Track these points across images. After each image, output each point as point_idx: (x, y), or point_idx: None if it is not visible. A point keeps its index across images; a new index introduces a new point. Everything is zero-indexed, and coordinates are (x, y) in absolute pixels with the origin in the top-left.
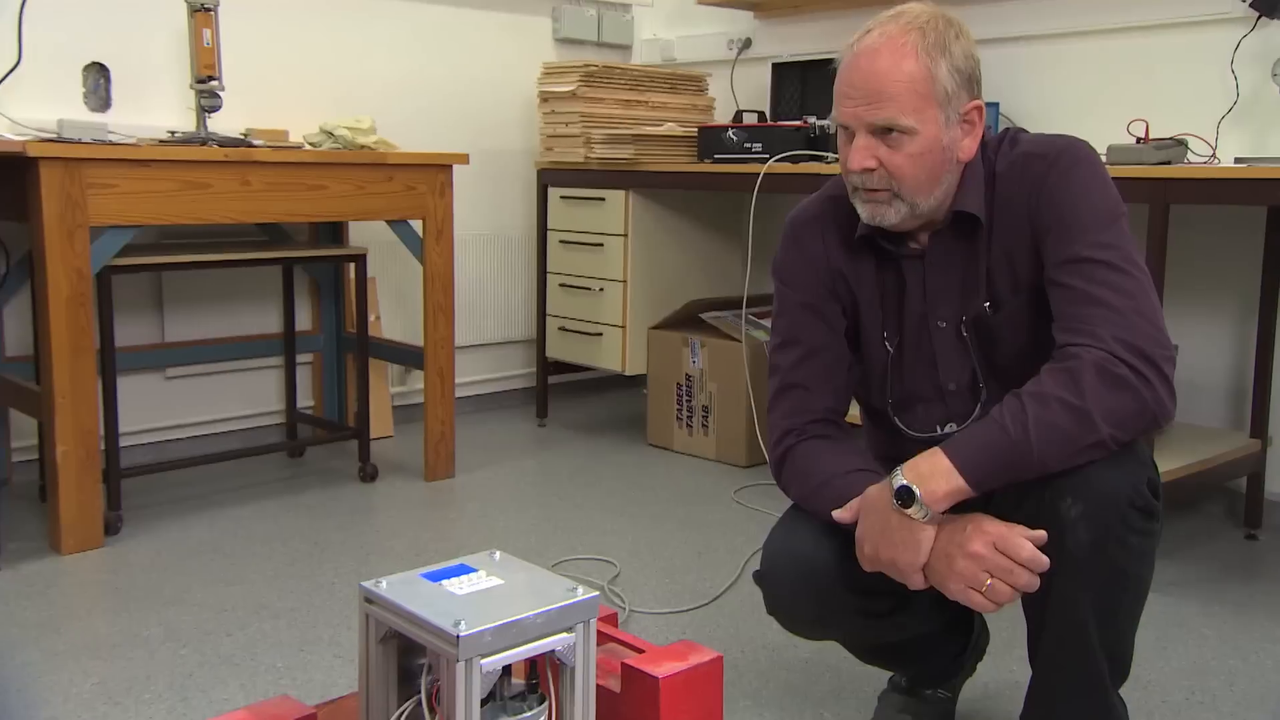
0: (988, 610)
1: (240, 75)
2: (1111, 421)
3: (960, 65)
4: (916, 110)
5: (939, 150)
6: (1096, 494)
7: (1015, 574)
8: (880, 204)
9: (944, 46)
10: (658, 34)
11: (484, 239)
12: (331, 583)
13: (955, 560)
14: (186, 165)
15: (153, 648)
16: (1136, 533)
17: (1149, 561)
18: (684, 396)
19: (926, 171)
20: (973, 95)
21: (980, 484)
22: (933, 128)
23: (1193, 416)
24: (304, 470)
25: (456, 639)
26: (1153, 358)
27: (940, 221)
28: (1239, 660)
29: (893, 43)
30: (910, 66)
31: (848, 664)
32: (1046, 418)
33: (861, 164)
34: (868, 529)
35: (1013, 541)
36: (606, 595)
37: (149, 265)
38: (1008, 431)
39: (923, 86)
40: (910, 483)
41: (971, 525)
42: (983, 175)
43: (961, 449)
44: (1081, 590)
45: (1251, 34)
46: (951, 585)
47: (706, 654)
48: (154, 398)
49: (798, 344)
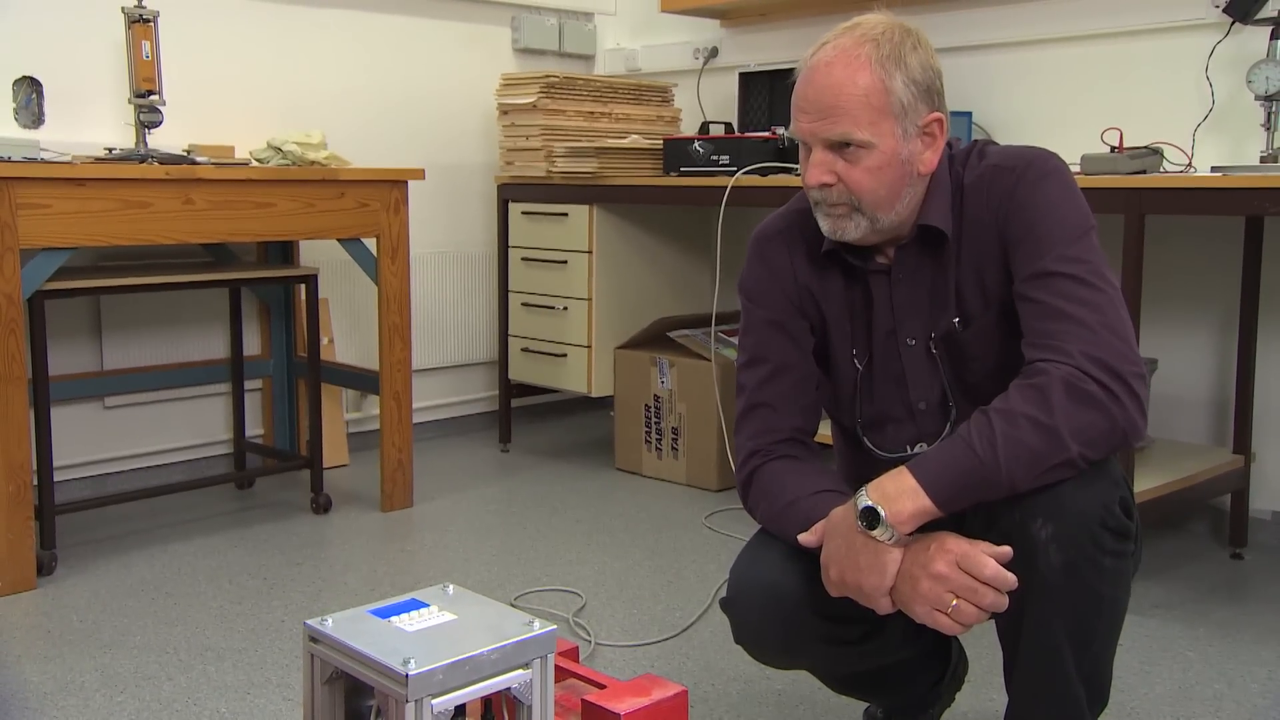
0: (955, 633)
1: (182, 89)
2: (1081, 440)
3: (917, 77)
4: (872, 124)
5: (898, 164)
6: (1068, 514)
7: (980, 593)
8: (841, 219)
9: (899, 58)
10: (621, 43)
11: (442, 257)
12: (281, 621)
13: (919, 582)
14: (125, 184)
15: (87, 695)
16: (1109, 554)
17: (1124, 583)
18: (652, 418)
19: (886, 186)
20: (932, 107)
21: (947, 504)
22: (890, 141)
23: (1174, 432)
24: (253, 502)
25: (405, 678)
26: (1122, 374)
27: (906, 236)
28: (1224, 685)
29: (846, 55)
30: (864, 79)
31: (822, 695)
32: (1014, 435)
33: (819, 179)
34: (833, 552)
35: (975, 559)
36: (571, 628)
37: (85, 289)
38: (975, 450)
39: (877, 99)
40: (875, 503)
41: (935, 544)
42: (949, 188)
43: (927, 468)
44: (1055, 614)
45: (1225, 40)
46: (917, 608)
47: (671, 688)
48: (92, 429)
49: (764, 362)
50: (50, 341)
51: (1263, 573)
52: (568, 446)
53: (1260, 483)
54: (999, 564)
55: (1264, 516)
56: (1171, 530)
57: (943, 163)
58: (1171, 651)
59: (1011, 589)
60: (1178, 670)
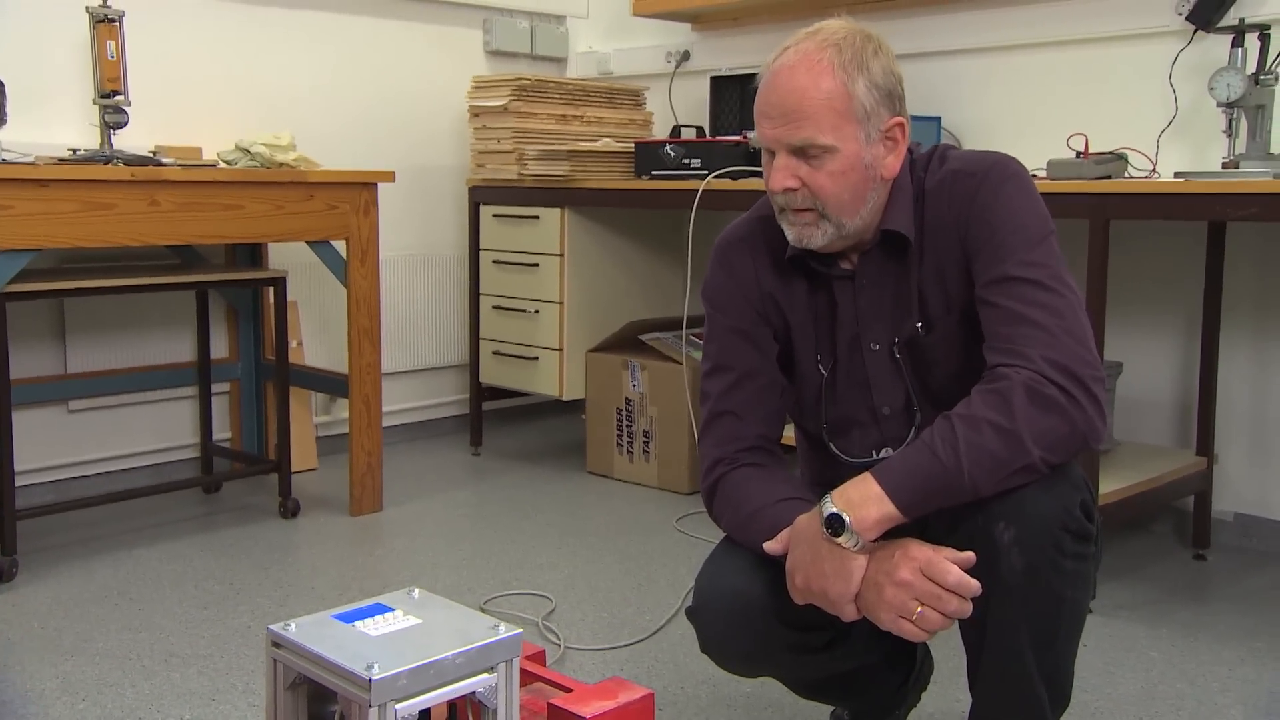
0: (920, 640)
1: (149, 90)
2: (1042, 444)
3: (879, 82)
4: (835, 128)
5: (861, 168)
6: (1029, 518)
7: (944, 600)
8: (806, 225)
9: (861, 63)
10: (593, 46)
11: (413, 260)
12: (247, 626)
13: (884, 589)
14: (89, 185)
15: (47, 703)
16: (1070, 556)
17: (1085, 585)
18: (624, 422)
19: (850, 190)
20: (894, 112)
21: (910, 509)
22: (853, 145)
23: (1138, 434)
24: (220, 507)
25: (369, 683)
26: (1081, 378)
27: (869, 241)
28: (1186, 684)
29: (808, 60)
30: (827, 84)
31: (790, 699)
32: (977, 441)
33: (783, 184)
34: (798, 559)
35: (939, 566)
36: (541, 632)
37: (49, 291)
38: (938, 456)
39: (840, 104)
40: (840, 510)
41: (899, 552)
42: (911, 193)
43: (891, 474)
44: (1017, 616)
45: (1189, 47)
46: (882, 615)
47: (637, 691)
48: (55, 432)
49: (729, 370)
50: (12, 344)
51: (1225, 573)
52: (539, 450)
53: (1223, 484)
54: (962, 570)
55: (1226, 518)
56: (1135, 531)
57: (904, 168)
58: (1135, 651)
59: (975, 595)
60: (1141, 670)
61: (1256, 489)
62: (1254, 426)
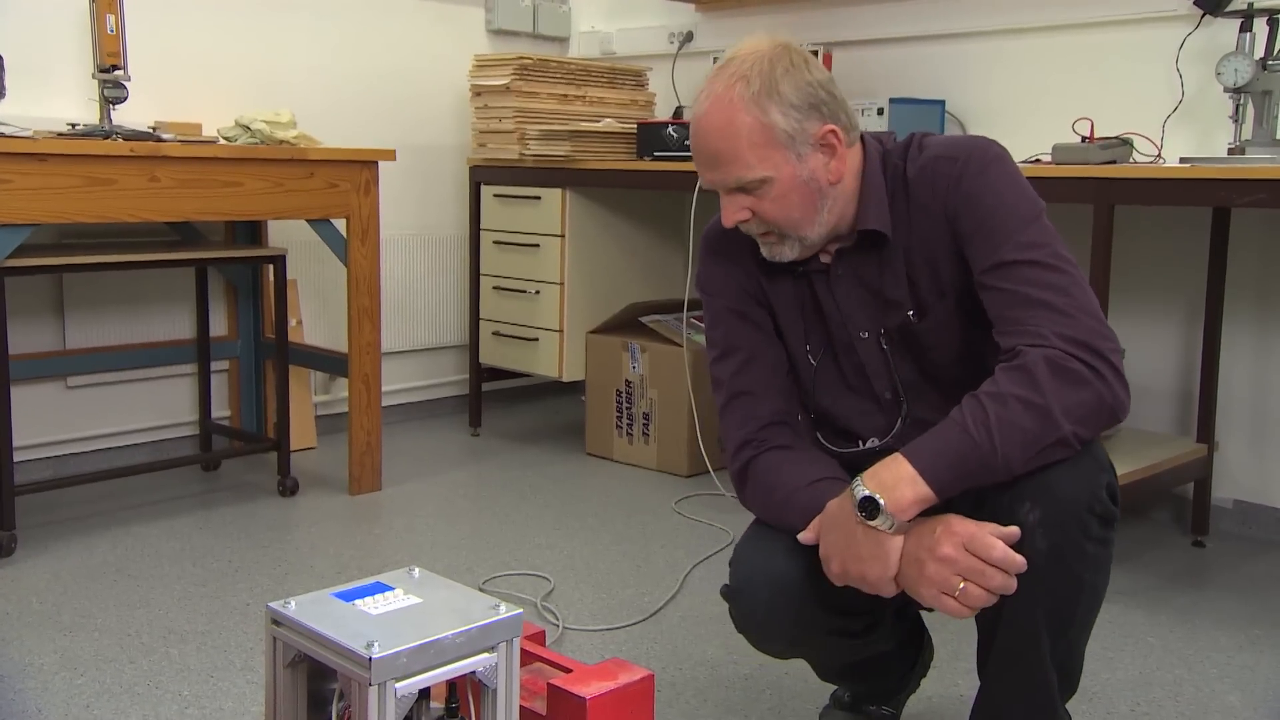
0: (963, 616)
1: (149, 64)
2: (1072, 418)
3: (795, 101)
4: (762, 160)
5: (801, 186)
6: (1055, 499)
7: (988, 575)
8: (774, 245)
9: (771, 89)
10: (596, 26)
11: (413, 239)
12: (246, 604)
13: (926, 565)
14: (88, 160)
15: (46, 678)
16: (1094, 540)
17: (1105, 570)
18: (624, 404)
19: (799, 209)
20: (823, 119)
21: (944, 489)
22: (786, 169)
23: (1139, 421)
24: (219, 485)
25: (369, 661)
26: (1101, 350)
27: (847, 236)
28: (1185, 670)
29: (719, 102)
30: (741, 121)
31: (788, 680)
32: (1007, 417)
33: (734, 219)
34: (832, 545)
35: (983, 541)
36: (539, 612)
37: (47, 267)
38: (970, 434)
39: (759, 136)
40: (873, 492)
41: (941, 527)
42: (885, 187)
43: (923, 454)
44: (1036, 598)
45: (1196, 32)
46: (924, 591)
47: (637, 672)
48: (54, 409)
49: (736, 351)
50: (11, 320)
51: (1223, 561)
52: (538, 431)
53: (1222, 472)
54: (1007, 545)
55: (1225, 505)
56: (1135, 518)
57: (872, 161)
58: (1133, 638)
59: (1021, 571)
60: (1139, 656)
61: (1256, 477)
62: (1254, 414)
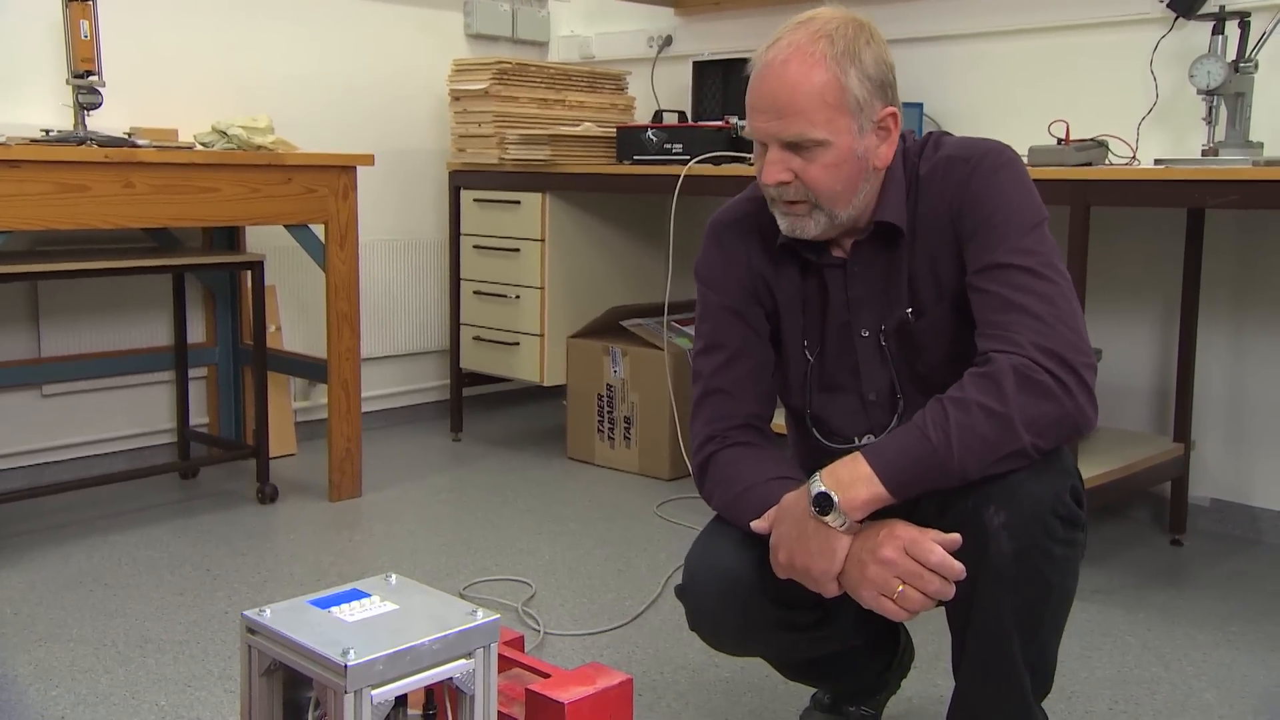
0: (900, 619)
1: (124, 70)
2: (1033, 430)
3: (872, 72)
4: (828, 121)
5: (854, 160)
6: (1020, 503)
7: (926, 580)
8: (799, 216)
9: (854, 54)
10: (575, 30)
11: (393, 244)
12: (224, 612)
13: (867, 566)
14: (62, 166)
15: (20, 689)
16: (1060, 542)
17: (1073, 572)
18: (605, 408)
19: (843, 182)
20: (887, 102)
21: (900, 490)
22: (846, 138)
23: (1116, 421)
24: (197, 492)
25: (344, 669)
26: (1073, 364)
27: (863, 230)
28: (1161, 668)
29: (801, 53)
30: (820, 77)
31: (769, 683)
32: (968, 424)
33: (776, 178)
34: (782, 535)
35: (922, 545)
36: (520, 617)
37: (21, 274)
38: (928, 438)
39: (833, 97)
40: (829, 489)
41: (884, 531)
42: (904, 182)
43: (882, 455)
44: (1004, 601)
45: (1170, 34)
46: (863, 593)
47: (615, 677)
48: (29, 417)
49: (721, 348)
50: None
51: (1200, 559)
52: (519, 436)
53: (1199, 471)
54: (947, 551)
55: (1203, 504)
56: (1113, 517)
57: (897, 156)
58: (1111, 636)
59: (959, 578)
60: (1117, 654)
61: (1233, 475)
62: (1231, 413)
